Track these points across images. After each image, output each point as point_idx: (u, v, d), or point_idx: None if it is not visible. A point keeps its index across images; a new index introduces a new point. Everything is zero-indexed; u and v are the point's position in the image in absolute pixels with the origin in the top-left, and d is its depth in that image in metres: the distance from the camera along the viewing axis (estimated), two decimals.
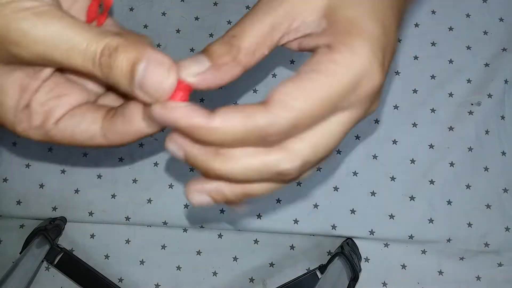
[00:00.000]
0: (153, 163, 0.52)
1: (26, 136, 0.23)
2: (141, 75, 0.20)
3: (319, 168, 0.51)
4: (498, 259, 0.50)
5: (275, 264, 0.51)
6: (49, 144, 0.52)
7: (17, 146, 0.52)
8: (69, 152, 0.52)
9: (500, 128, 0.52)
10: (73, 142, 0.23)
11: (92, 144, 0.23)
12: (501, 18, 0.53)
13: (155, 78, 0.20)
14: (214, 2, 0.54)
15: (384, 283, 0.51)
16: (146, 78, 0.20)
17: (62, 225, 0.51)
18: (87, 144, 0.23)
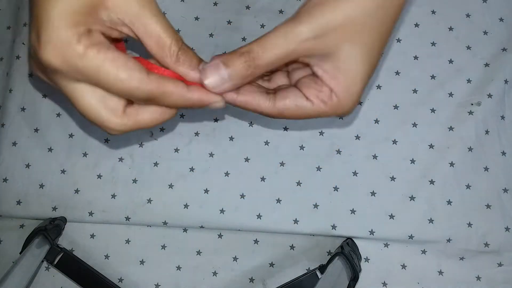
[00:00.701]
0: (153, 163, 0.52)
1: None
2: None
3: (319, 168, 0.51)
4: (498, 259, 0.50)
5: (275, 264, 0.51)
6: (49, 144, 0.52)
7: (17, 146, 0.52)
8: (69, 152, 0.52)
9: (500, 128, 0.52)
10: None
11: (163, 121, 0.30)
12: (501, 18, 0.53)
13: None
14: (214, 2, 0.54)
15: (384, 283, 0.51)
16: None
17: (62, 225, 0.51)
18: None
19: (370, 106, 0.52)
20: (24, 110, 0.52)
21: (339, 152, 0.52)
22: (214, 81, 0.28)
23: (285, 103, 0.29)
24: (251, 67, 0.27)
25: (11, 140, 0.52)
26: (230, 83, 0.28)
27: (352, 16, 0.26)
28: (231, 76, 0.27)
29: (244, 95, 0.29)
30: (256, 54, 0.27)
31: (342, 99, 0.28)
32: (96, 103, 0.27)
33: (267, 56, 0.27)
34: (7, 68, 0.54)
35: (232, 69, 0.27)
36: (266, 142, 0.52)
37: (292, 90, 0.30)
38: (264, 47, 0.27)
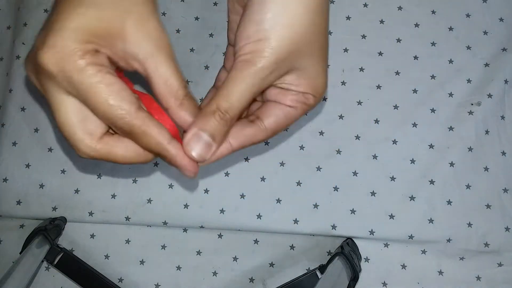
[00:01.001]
0: (153, 163, 0.52)
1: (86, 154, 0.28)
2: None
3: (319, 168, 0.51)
4: (498, 259, 0.50)
5: (275, 264, 0.51)
6: (49, 144, 0.52)
7: (17, 146, 0.52)
8: (69, 152, 0.52)
9: (500, 128, 0.52)
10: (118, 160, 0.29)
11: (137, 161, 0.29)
12: (501, 18, 0.53)
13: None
14: (214, 2, 0.54)
15: (384, 283, 0.51)
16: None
17: (62, 225, 0.51)
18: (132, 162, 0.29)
19: (370, 106, 0.52)
20: (24, 110, 0.52)
21: (339, 152, 0.52)
22: (200, 149, 0.28)
23: (275, 121, 0.30)
24: (227, 121, 0.28)
25: (11, 140, 0.52)
26: (215, 144, 0.28)
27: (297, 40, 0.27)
28: (213, 137, 0.28)
29: (236, 139, 0.30)
30: (226, 108, 0.28)
31: (316, 94, 0.30)
32: (76, 121, 0.27)
33: (236, 106, 0.28)
34: (7, 68, 0.54)
35: (212, 130, 0.28)
36: (266, 142, 0.52)
37: (272, 105, 0.31)
38: (230, 100, 0.28)
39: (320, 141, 0.52)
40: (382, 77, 0.53)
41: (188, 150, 0.28)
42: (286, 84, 0.30)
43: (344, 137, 0.52)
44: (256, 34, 0.27)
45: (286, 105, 0.30)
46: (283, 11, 0.27)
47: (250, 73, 0.27)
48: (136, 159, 0.29)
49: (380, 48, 0.53)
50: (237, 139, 0.30)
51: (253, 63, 0.27)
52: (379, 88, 0.53)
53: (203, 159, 0.28)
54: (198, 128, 0.28)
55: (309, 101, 0.30)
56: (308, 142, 0.52)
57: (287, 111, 0.30)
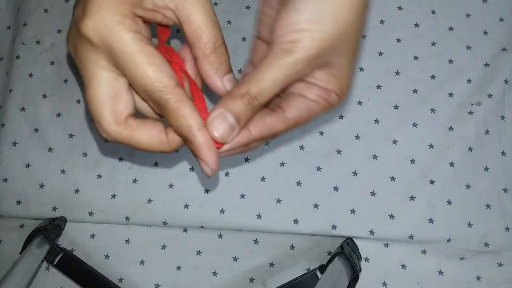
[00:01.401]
0: (153, 163, 0.52)
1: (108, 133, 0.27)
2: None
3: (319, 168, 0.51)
4: (498, 259, 0.50)
5: (275, 264, 0.51)
6: (49, 144, 0.52)
7: (17, 146, 0.52)
8: (69, 152, 0.52)
9: (500, 128, 0.52)
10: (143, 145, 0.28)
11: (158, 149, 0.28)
12: (501, 18, 0.53)
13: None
14: (214, 2, 0.54)
15: (384, 283, 0.51)
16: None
17: (62, 225, 0.51)
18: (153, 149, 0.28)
19: (370, 106, 0.52)
20: (24, 110, 0.52)
21: (339, 152, 0.52)
22: (223, 130, 0.27)
23: (298, 112, 0.30)
24: (254, 107, 0.27)
25: (11, 140, 0.52)
26: (238, 127, 0.28)
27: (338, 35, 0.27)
28: (238, 120, 0.27)
29: (256, 127, 0.29)
30: (256, 94, 0.27)
31: (339, 95, 0.30)
32: (106, 97, 0.26)
33: (267, 93, 0.27)
34: (7, 68, 0.54)
35: (238, 113, 0.27)
36: (266, 142, 0.52)
37: (295, 98, 0.30)
38: (261, 87, 0.27)
39: (320, 141, 0.52)
40: (382, 77, 0.53)
41: (211, 129, 0.27)
42: (314, 79, 0.29)
43: (344, 137, 0.52)
44: (298, 24, 0.26)
45: (309, 99, 0.30)
46: (329, 3, 0.26)
47: (288, 63, 0.27)
48: (158, 146, 0.28)
49: (380, 48, 0.53)
50: (257, 127, 0.29)
51: (292, 53, 0.26)
52: (379, 88, 0.53)
53: (224, 140, 0.28)
54: (225, 109, 0.27)
55: (332, 100, 0.30)
56: (308, 142, 0.52)
57: (310, 104, 0.30)
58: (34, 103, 0.53)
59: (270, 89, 0.27)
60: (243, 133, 0.29)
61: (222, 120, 0.27)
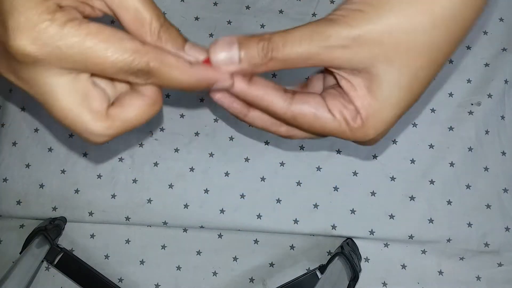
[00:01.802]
0: (153, 163, 0.52)
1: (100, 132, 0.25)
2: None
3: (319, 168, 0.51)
4: (498, 259, 0.50)
5: (275, 264, 0.51)
6: (49, 144, 0.52)
7: (17, 146, 0.52)
8: (69, 152, 0.52)
9: (500, 128, 0.52)
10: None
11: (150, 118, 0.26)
12: (501, 18, 0.53)
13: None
14: (214, 2, 0.54)
15: (384, 283, 0.51)
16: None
17: (62, 225, 0.51)
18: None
19: None
20: (24, 110, 0.52)
21: (339, 152, 0.52)
22: (222, 58, 0.24)
23: (302, 108, 0.25)
24: (267, 56, 0.23)
25: (11, 140, 0.52)
26: (238, 66, 0.24)
27: (397, 31, 0.22)
28: (242, 58, 0.24)
29: (256, 87, 0.25)
30: (276, 45, 0.23)
31: (367, 124, 0.24)
32: (79, 102, 0.23)
33: (287, 51, 0.23)
34: None
35: (246, 51, 0.24)
36: (266, 142, 0.52)
37: (315, 97, 0.25)
38: (286, 40, 0.23)
39: (320, 141, 0.52)
40: None
41: (211, 50, 0.24)
42: (349, 85, 0.24)
43: None
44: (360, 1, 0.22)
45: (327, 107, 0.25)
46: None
47: (325, 31, 0.23)
48: (150, 111, 0.25)
49: None
50: (256, 87, 0.25)
51: (335, 23, 0.22)
52: None
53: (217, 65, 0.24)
54: (236, 39, 0.24)
55: (353, 124, 0.24)
56: (308, 142, 0.52)
57: (322, 113, 0.25)
58: (34, 103, 0.52)
59: (293, 47, 0.23)
60: (240, 82, 0.25)
61: (227, 47, 0.24)
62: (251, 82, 0.25)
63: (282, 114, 0.25)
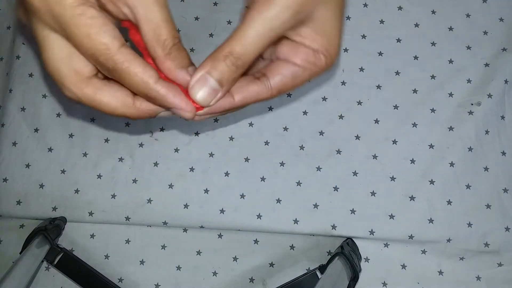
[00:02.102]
0: (153, 163, 0.52)
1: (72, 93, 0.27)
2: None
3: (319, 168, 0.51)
4: (498, 259, 0.50)
5: (275, 264, 0.51)
6: (49, 144, 0.52)
7: (17, 146, 0.52)
8: (69, 152, 0.52)
9: (500, 128, 0.52)
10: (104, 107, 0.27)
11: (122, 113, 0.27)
12: (501, 18, 0.53)
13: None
14: (214, 2, 0.54)
15: (384, 283, 0.51)
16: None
17: (62, 225, 0.51)
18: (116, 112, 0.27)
19: (370, 106, 0.52)
20: (24, 110, 0.52)
21: (339, 152, 0.52)
22: (205, 94, 0.26)
23: (281, 80, 0.29)
24: (238, 67, 0.26)
25: (11, 140, 0.52)
26: (222, 91, 0.27)
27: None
28: (221, 83, 0.26)
29: (240, 94, 0.28)
30: (239, 53, 0.26)
31: (328, 56, 0.28)
32: (62, 57, 0.25)
33: (251, 51, 0.26)
34: (7, 68, 0.54)
35: (220, 76, 0.26)
36: (266, 142, 0.52)
37: (280, 64, 0.29)
38: (245, 44, 0.26)
39: (320, 141, 0.52)
40: (382, 77, 0.53)
41: (193, 92, 0.26)
42: (300, 37, 0.28)
43: (344, 137, 0.52)
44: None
45: (295, 64, 0.28)
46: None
47: (271, 15, 0.25)
48: (122, 109, 0.27)
49: (380, 48, 0.53)
50: (240, 94, 0.28)
51: (274, 4, 0.25)
52: (379, 88, 0.53)
53: (207, 104, 0.27)
54: (206, 71, 0.26)
55: (320, 62, 0.28)
56: (308, 142, 0.52)
57: (295, 71, 0.28)
58: (34, 103, 0.53)
59: (254, 46, 0.26)
60: (226, 99, 0.28)
61: (203, 83, 0.26)
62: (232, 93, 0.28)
63: (269, 96, 0.29)
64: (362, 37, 0.54)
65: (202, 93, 0.26)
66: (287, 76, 0.28)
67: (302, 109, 0.52)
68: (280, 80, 0.28)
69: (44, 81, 0.53)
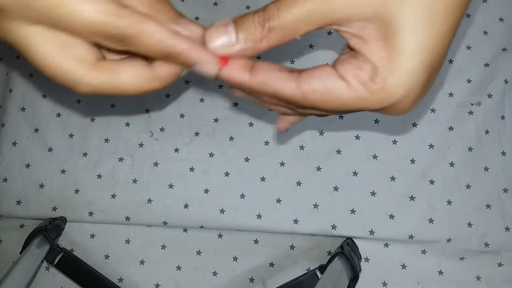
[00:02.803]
0: (153, 163, 0.52)
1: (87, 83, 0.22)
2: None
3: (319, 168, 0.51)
4: (498, 259, 0.50)
5: (275, 264, 0.51)
6: (49, 144, 0.52)
7: (17, 146, 0.52)
8: (69, 152, 0.52)
9: (500, 128, 0.52)
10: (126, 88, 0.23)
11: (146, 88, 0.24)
12: (501, 18, 0.53)
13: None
14: (214, 2, 0.54)
15: (384, 283, 0.51)
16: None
17: (62, 225, 0.51)
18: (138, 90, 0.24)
19: None
20: (24, 110, 0.52)
21: (339, 152, 0.52)
22: (220, 42, 0.22)
23: (311, 83, 0.22)
24: (265, 28, 0.21)
25: (11, 140, 0.52)
26: (238, 46, 0.22)
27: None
28: (240, 38, 0.22)
29: (259, 74, 0.23)
30: (272, 12, 0.21)
31: (389, 80, 0.20)
32: (60, 50, 0.21)
33: (284, 15, 0.21)
34: (7, 68, 0.54)
35: (243, 29, 0.22)
36: (266, 142, 0.52)
37: (324, 68, 0.22)
38: (279, 5, 0.21)
39: (320, 141, 0.52)
40: None
41: (207, 37, 0.23)
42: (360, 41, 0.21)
43: (344, 137, 0.52)
44: None
45: (338, 75, 0.21)
46: None
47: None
48: (145, 85, 0.23)
49: None
50: (259, 74, 0.23)
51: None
52: None
53: (223, 51, 0.23)
54: (231, 21, 0.22)
55: (373, 84, 0.20)
56: (308, 142, 0.52)
57: (334, 82, 0.22)
58: (34, 103, 0.53)
59: (288, 12, 0.21)
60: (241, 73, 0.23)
61: (222, 31, 0.22)
62: (252, 69, 0.23)
63: (292, 95, 0.23)
64: None
65: (216, 40, 0.22)
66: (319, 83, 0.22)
67: None
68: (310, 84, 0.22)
69: (44, 81, 0.53)
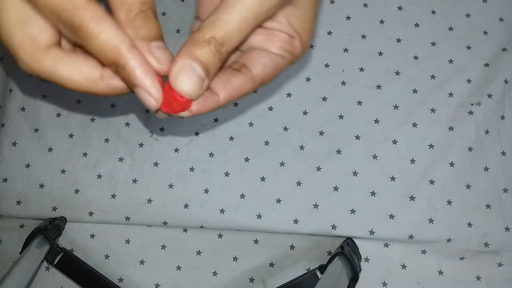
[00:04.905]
0: (153, 163, 0.52)
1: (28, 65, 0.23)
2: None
3: (319, 168, 0.51)
4: (498, 259, 0.50)
5: (275, 264, 0.51)
6: (49, 144, 0.52)
7: (17, 146, 0.52)
8: (69, 152, 0.52)
9: (500, 128, 0.52)
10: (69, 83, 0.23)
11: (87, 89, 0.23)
12: (501, 18, 0.53)
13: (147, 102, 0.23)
14: None
15: (384, 283, 0.51)
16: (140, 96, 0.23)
17: (62, 225, 0.51)
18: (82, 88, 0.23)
19: (370, 106, 0.52)
20: (24, 110, 0.52)
21: (339, 152, 0.52)
22: (194, 84, 0.22)
23: (263, 70, 0.26)
24: (222, 55, 0.23)
25: (11, 140, 0.52)
26: (208, 80, 0.23)
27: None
28: (207, 71, 0.22)
29: (224, 90, 0.25)
30: (223, 38, 0.22)
31: (303, 42, 0.27)
32: (16, 22, 0.21)
33: (235, 37, 0.23)
34: (7, 68, 0.54)
35: (206, 63, 0.22)
36: (266, 142, 0.52)
37: (259, 53, 0.26)
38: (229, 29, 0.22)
39: (320, 141, 0.52)
40: (382, 77, 0.53)
41: (178, 83, 0.22)
42: (277, 23, 0.26)
43: (344, 137, 0.52)
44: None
45: (273, 53, 0.26)
46: None
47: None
48: (87, 85, 0.23)
49: (380, 48, 0.53)
50: (224, 91, 0.25)
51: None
52: (379, 88, 0.53)
53: (195, 95, 0.23)
54: (191, 59, 0.22)
55: (296, 50, 0.27)
56: (308, 142, 0.52)
57: (275, 59, 0.26)
58: (34, 103, 0.53)
59: (238, 32, 0.22)
60: (211, 98, 0.24)
61: (190, 72, 0.22)
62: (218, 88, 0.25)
63: (253, 88, 0.27)
64: (362, 37, 0.54)
65: (189, 83, 0.22)
66: (268, 66, 0.26)
67: (302, 109, 0.52)
68: (263, 70, 0.26)
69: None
